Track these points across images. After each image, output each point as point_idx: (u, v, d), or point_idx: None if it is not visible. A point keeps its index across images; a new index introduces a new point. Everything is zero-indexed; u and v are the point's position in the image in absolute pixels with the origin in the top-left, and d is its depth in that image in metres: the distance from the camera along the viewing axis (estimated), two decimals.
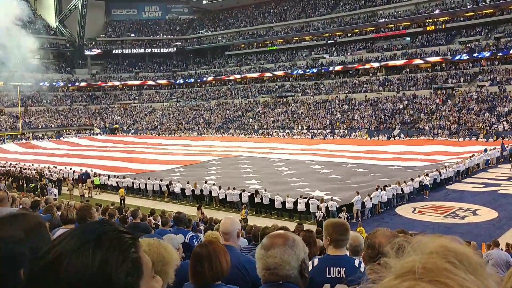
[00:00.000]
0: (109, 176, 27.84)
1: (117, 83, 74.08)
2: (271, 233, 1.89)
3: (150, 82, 74.77)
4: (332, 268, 2.91)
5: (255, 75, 66.84)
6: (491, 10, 51.13)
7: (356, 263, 2.92)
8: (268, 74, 65.87)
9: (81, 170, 29.92)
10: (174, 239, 3.51)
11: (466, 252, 0.75)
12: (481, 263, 0.74)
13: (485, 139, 36.15)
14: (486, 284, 0.71)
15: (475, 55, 49.16)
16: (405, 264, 0.74)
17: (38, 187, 25.31)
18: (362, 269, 2.77)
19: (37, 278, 0.84)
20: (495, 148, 30.32)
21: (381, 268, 0.78)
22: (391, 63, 55.17)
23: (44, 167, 31.71)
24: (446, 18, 54.28)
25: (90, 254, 0.84)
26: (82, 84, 72.03)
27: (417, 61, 53.56)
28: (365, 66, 57.27)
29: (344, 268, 2.90)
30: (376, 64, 56.51)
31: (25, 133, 56.41)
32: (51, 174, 29.79)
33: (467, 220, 17.79)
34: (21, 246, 1.17)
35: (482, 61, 49.22)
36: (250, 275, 2.93)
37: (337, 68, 59.34)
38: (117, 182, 26.77)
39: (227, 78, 69.68)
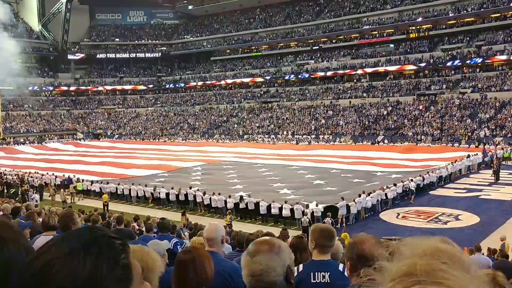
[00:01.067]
0: (92, 182, 27.52)
1: (101, 87, 73.44)
2: (257, 240, 1.88)
3: (135, 87, 74.26)
4: (316, 273, 2.90)
5: (240, 80, 66.91)
6: (473, 18, 52.12)
7: (341, 267, 2.91)
8: (253, 80, 66.01)
9: (63, 175, 29.49)
10: (160, 246, 3.47)
11: (456, 252, 0.76)
12: (471, 262, 0.76)
13: (467, 145, 36.68)
14: (480, 281, 0.73)
15: (457, 62, 49.99)
16: (401, 267, 0.74)
17: (19, 193, 24.86)
18: (346, 274, 2.76)
19: (25, 285, 0.83)
20: (477, 154, 30.83)
21: (375, 273, 0.78)
22: (375, 69, 55.74)
23: (26, 173, 31.23)
24: (429, 25, 55.15)
25: (80, 261, 0.83)
26: (65, 88, 71.22)
27: (401, 68, 54.24)
28: (350, 72, 57.78)
29: (329, 273, 2.89)
30: (360, 71, 57.06)
31: (6, 138, 55.48)
32: (32, 180, 29.34)
33: (450, 225, 18.00)
34: None
35: (464, 68, 50.07)
36: (234, 281, 2.89)
37: (322, 74, 59.75)
38: (100, 188, 26.47)
39: (212, 84, 69.62)
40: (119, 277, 0.86)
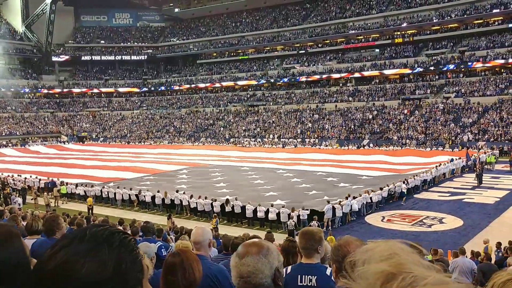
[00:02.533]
0: (76, 185, 27.17)
1: (85, 90, 72.76)
2: (246, 242, 1.88)
3: (120, 90, 73.74)
4: (304, 276, 2.91)
5: (227, 83, 66.92)
6: (456, 25, 52.97)
7: (328, 272, 2.92)
8: (239, 83, 66.08)
9: (47, 178, 29.10)
10: (149, 248, 3.45)
11: (408, 251, 0.81)
12: (420, 258, 0.80)
13: (451, 149, 37.17)
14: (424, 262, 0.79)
15: (441, 67, 50.70)
16: (374, 273, 0.77)
17: (1, 196, 24.43)
18: (333, 279, 2.77)
19: (46, 281, 0.84)
20: (460, 158, 31.25)
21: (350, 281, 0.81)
22: (360, 73, 56.23)
23: (8, 176, 30.75)
24: (414, 31, 55.90)
25: (106, 254, 0.86)
26: (49, 90, 70.39)
27: (386, 72, 54.80)
28: (336, 76, 58.22)
29: (316, 277, 2.90)
30: (346, 75, 57.50)
31: None
32: (14, 183, 28.89)
33: (434, 228, 18.18)
34: None
35: (448, 73, 50.79)
36: (221, 284, 2.89)
37: (308, 78, 60.05)
38: (85, 191, 26.16)
39: (198, 87, 69.49)
40: (138, 268, 0.91)
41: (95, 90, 73.00)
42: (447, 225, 18.48)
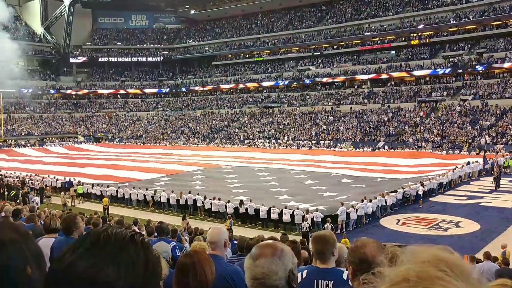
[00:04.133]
0: (92, 185, 27.51)
1: (102, 91, 73.60)
2: (261, 243, 1.89)
3: (136, 91, 74.40)
4: (320, 281, 2.90)
5: (242, 85, 67.02)
6: (474, 26, 52.25)
7: (345, 276, 2.89)
8: (254, 85, 66.12)
9: (64, 178, 29.50)
10: (165, 248, 3.48)
11: (457, 261, 0.77)
12: (471, 271, 0.77)
13: (468, 152, 36.67)
14: None
15: (458, 69, 50.06)
16: (399, 273, 0.75)
17: (20, 195, 24.86)
18: (350, 283, 2.76)
19: (75, 285, 0.84)
20: (477, 161, 30.81)
21: (374, 278, 0.80)
22: (376, 75, 55.84)
23: (26, 175, 31.24)
24: (430, 32, 55.30)
25: (135, 255, 0.87)
26: (67, 91, 71.40)
27: (402, 74, 54.32)
28: (351, 78, 57.91)
29: (332, 282, 2.88)
30: (361, 77, 57.16)
31: (7, 140, 55.53)
32: (32, 182, 29.35)
33: (450, 232, 17.97)
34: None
35: (465, 75, 50.12)
36: (237, 285, 2.91)
37: (323, 80, 59.84)
38: (101, 191, 26.46)
39: (213, 88, 69.73)
40: (160, 269, 0.94)
41: (112, 91, 73.77)
42: (464, 229, 18.25)
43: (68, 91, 71.50)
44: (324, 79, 59.77)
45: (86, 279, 0.82)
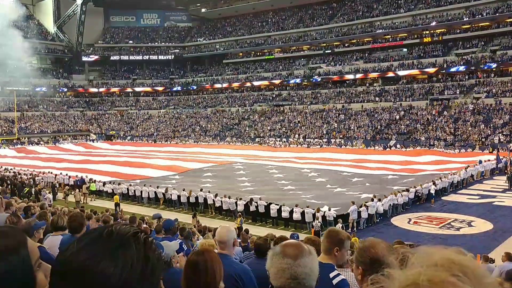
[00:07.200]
0: (104, 183, 27.71)
1: (114, 89, 74.13)
2: (288, 242, 1.85)
3: (147, 89, 74.77)
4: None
5: (252, 83, 66.98)
6: (487, 23, 51.61)
7: (332, 274, 2.73)
8: (265, 83, 66.06)
9: (76, 176, 29.76)
10: (170, 247, 3.48)
11: (471, 264, 0.74)
12: (486, 275, 0.74)
13: (481, 151, 36.25)
14: None
15: (471, 67, 49.49)
16: (409, 276, 0.73)
17: (33, 193, 25.11)
18: (334, 282, 2.68)
19: (73, 277, 0.86)
20: (489, 159, 30.44)
21: (384, 279, 0.78)
22: (388, 73, 55.45)
23: (39, 172, 31.56)
24: (443, 30, 54.74)
25: (134, 252, 0.88)
26: (79, 90, 72.01)
27: (414, 72, 53.86)
28: (362, 76, 57.57)
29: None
30: (373, 74, 56.80)
31: (21, 138, 56.18)
32: (45, 180, 29.63)
33: (462, 231, 17.79)
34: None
35: (478, 73, 49.54)
36: (245, 284, 2.90)
37: (334, 77, 59.56)
38: (112, 189, 26.65)
39: (224, 86, 69.81)
40: (162, 267, 0.95)
41: (123, 90, 74.25)
42: (476, 229, 18.05)
43: (80, 89, 72.15)
44: (335, 77, 59.49)
45: (84, 269, 0.85)
